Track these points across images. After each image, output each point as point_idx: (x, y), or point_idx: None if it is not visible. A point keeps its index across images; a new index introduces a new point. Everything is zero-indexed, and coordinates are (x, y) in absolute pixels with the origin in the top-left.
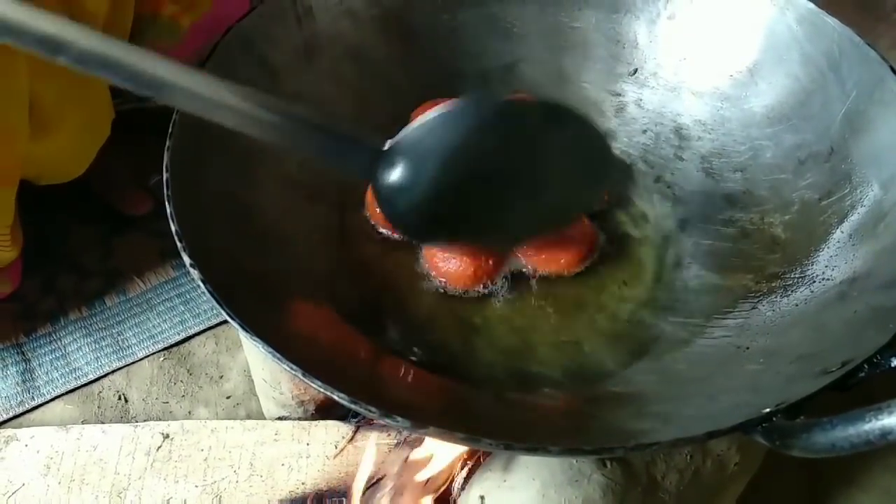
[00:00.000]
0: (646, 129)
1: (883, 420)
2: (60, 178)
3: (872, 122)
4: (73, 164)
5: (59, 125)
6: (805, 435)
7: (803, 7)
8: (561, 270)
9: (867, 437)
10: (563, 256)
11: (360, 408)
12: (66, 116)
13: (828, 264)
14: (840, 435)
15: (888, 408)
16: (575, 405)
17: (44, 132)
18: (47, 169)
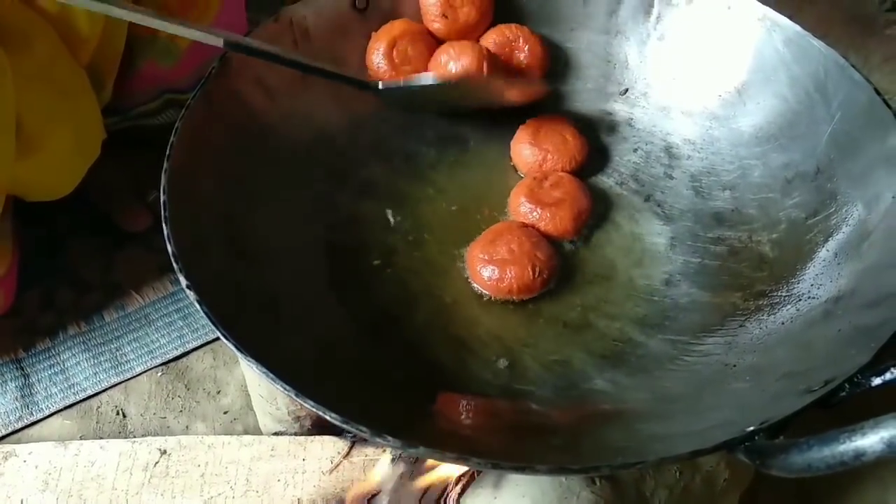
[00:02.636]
0: (636, 148)
1: (856, 442)
2: (48, 196)
3: (857, 142)
4: (60, 182)
5: (45, 144)
6: (783, 455)
7: (790, 29)
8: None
9: (841, 458)
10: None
11: (352, 427)
12: (52, 136)
13: (814, 283)
14: (816, 456)
15: (861, 430)
16: (565, 423)
17: (30, 151)
18: (35, 185)
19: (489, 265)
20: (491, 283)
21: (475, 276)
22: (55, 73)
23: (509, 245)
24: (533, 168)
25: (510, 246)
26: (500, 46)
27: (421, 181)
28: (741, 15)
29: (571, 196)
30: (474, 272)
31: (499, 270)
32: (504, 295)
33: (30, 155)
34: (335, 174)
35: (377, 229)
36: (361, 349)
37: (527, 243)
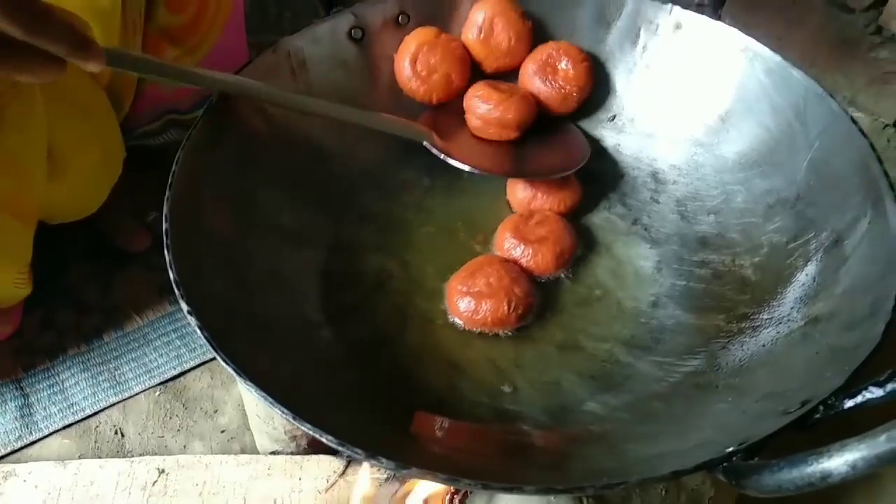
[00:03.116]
0: (624, 173)
1: (823, 463)
2: (75, 216)
3: (835, 169)
4: (87, 202)
5: (74, 166)
6: (756, 476)
7: (771, 60)
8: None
9: (809, 480)
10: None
11: (347, 449)
12: (80, 158)
13: (793, 306)
14: (785, 477)
15: (828, 452)
16: (553, 443)
17: (60, 173)
18: (63, 207)
19: (466, 297)
20: (466, 314)
21: (452, 308)
22: (80, 97)
23: (488, 278)
24: (523, 205)
25: (489, 279)
26: (543, 65)
27: (415, 207)
28: (724, 45)
29: (555, 235)
30: (451, 303)
31: (475, 303)
32: (479, 327)
33: (59, 177)
34: (331, 200)
35: (371, 254)
36: (355, 372)
37: (505, 278)
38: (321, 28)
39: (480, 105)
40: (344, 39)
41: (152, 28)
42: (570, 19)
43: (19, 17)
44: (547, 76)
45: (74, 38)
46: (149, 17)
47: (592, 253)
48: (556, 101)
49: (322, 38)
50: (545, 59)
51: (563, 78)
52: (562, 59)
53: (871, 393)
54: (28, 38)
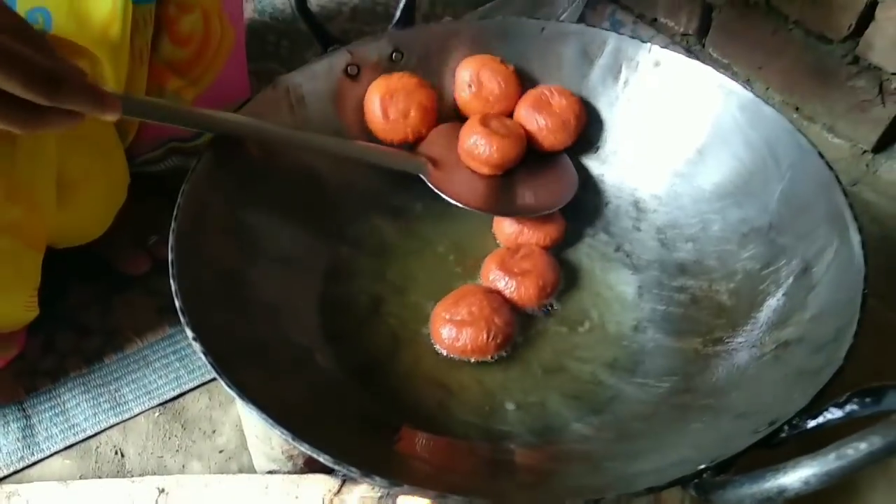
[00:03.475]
0: (607, 202)
1: (780, 479)
2: (81, 241)
3: (804, 200)
4: (93, 227)
5: (82, 194)
6: (721, 491)
7: (745, 96)
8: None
9: (767, 494)
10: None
11: (343, 468)
12: (88, 185)
13: (766, 330)
14: (746, 492)
15: (784, 469)
16: (539, 462)
17: (69, 201)
18: (70, 233)
19: (448, 325)
20: (447, 342)
21: (435, 334)
22: (88, 128)
23: (470, 307)
24: (510, 240)
25: (471, 308)
26: (537, 101)
27: (408, 234)
28: (701, 82)
29: (539, 269)
30: (435, 330)
31: (456, 331)
32: (459, 354)
33: (67, 205)
34: (328, 228)
35: (366, 279)
36: (351, 394)
37: (487, 308)
38: (318, 65)
39: (468, 141)
40: (340, 76)
41: (157, 60)
42: (556, 57)
43: (44, 87)
44: (542, 110)
45: (94, 95)
46: (154, 50)
47: (577, 278)
48: (555, 132)
49: (319, 74)
50: (538, 95)
51: (558, 107)
52: (553, 95)
53: (832, 414)
54: (52, 104)
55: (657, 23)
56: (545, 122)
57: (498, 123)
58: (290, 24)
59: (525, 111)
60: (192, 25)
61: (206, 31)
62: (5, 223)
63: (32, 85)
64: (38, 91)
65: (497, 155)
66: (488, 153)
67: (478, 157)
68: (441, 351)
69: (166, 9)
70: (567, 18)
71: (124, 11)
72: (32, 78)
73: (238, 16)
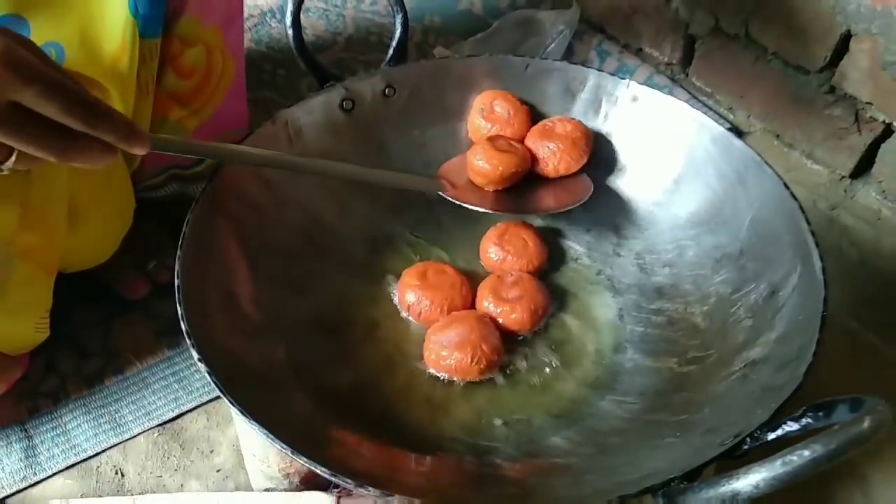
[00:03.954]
0: (589, 229)
1: (733, 484)
2: (89, 264)
3: (771, 228)
4: (101, 252)
5: (91, 220)
6: (682, 497)
7: (716, 130)
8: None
9: (723, 497)
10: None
11: (339, 479)
12: (97, 212)
13: (735, 350)
14: (705, 496)
15: (736, 475)
16: (523, 475)
17: (79, 226)
18: (79, 257)
19: (437, 346)
20: (434, 361)
21: (426, 356)
22: None
23: (460, 332)
24: (495, 266)
25: (461, 333)
26: (543, 132)
27: (401, 259)
28: (676, 116)
29: (529, 295)
30: (426, 350)
31: (445, 352)
32: (444, 373)
33: (77, 231)
34: (324, 254)
35: (361, 303)
36: (346, 411)
37: (475, 334)
38: (315, 100)
39: (473, 158)
40: (336, 110)
41: (162, 91)
42: (540, 92)
43: (82, 111)
44: (550, 138)
45: (125, 127)
46: (159, 81)
47: (561, 301)
48: (568, 151)
49: (316, 109)
50: (543, 126)
51: (564, 131)
52: (556, 123)
53: (790, 426)
54: (86, 129)
55: (642, 52)
56: (556, 146)
57: (503, 142)
58: (286, 54)
59: (533, 142)
60: (196, 59)
61: (209, 64)
62: (21, 249)
63: (72, 108)
64: (77, 115)
65: (500, 169)
66: (490, 168)
67: (480, 171)
68: (431, 371)
69: (171, 43)
70: (555, 48)
71: (132, 46)
72: (72, 102)
73: (239, 49)
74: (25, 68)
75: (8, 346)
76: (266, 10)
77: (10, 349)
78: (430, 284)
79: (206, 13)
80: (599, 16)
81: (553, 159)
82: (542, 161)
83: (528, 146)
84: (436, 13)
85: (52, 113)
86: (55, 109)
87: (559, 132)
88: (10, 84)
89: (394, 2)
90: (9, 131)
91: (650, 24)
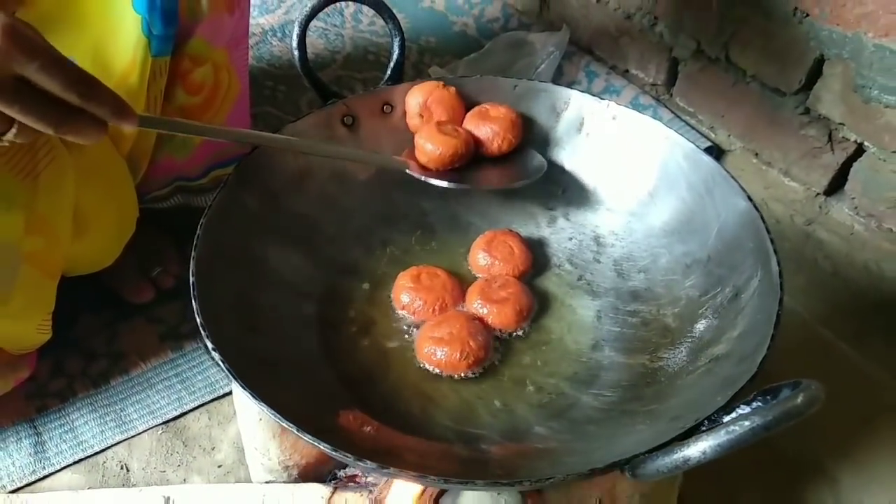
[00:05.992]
0: (571, 237)
1: (684, 451)
2: (92, 269)
3: (736, 236)
4: (104, 257)
5: (95, 226)
6: (643, 465)
7: (687, 147)
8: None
9: (675, 464)
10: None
11: (339, 454)
12: (101, 219)
13: (702, 348)
14: (660, 462)
15: (687, 444)
16: (507, 457)
17: (83, 232)
18: (83, 262)
19: (429, 341)
20: (426, 356)
21: (419, 351)
22: (103, 165)
23: (451, 329)
24: (484, 271)
25: (451, 330)
26: (479, 116)
27: (396, 263)
28: (651, 134)
29: (515, 297)
30: (419, 347)
31: (436, 348)
32: (435, 367)
33: (82, 236)
34: (324, 258)
35: (360, 303)
36: (345, 400)
37: (464, 331)
38: (319, 115)
39: (419, 141)
40: (338, 124)
41: (171, 105)
42: (528, 110)
43: (79, 86)
44: (486, 121)
45: (116, 103)
46: (168, 98)
47: (545, 303)
48: (504, 132)
49: (320, 123)
50: (478, 111)
51: (498, 114)
52: (489, 108)
53: (742, 410)
54: (81, 103)
55: (629, 73)
56: (496, 128)
57: (449, 127)
58: (286, 71)
59: (474, 125)
60: (204, 76)
61: (216, 81)
62: (26, 253)
63: (70, 84)
64: (75, 90)
65: (444, 151)
66: (436, 150)
67: (427, 153)
68: (424, 365)
69: (181, 62)
70: (546, 69)
71: (143, 62)
72: (71, 78)
73: (244, 68)
74: (30, 44)
75: (11, 346)
76: (267, 28)
77: (13, 349)
78: (423, 286)
79: (214, 35)
80: (588, 38)
81: (497, 139)
82: (487, 141)
83: (468, 129)
84: (431, 34)
85: (52, 87)
86: (56, 84)
87: (494, 115)
88: (16, 58)
89: (392, 26)
90: (12, 102)
91: (636, 47)
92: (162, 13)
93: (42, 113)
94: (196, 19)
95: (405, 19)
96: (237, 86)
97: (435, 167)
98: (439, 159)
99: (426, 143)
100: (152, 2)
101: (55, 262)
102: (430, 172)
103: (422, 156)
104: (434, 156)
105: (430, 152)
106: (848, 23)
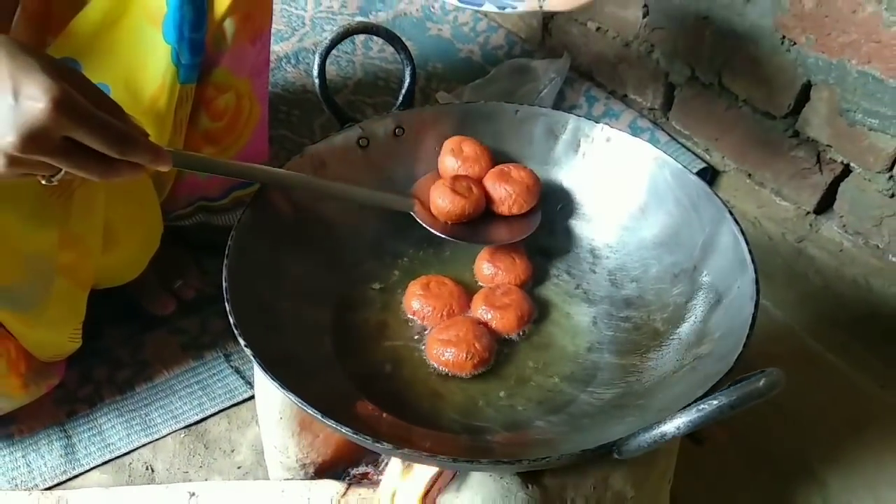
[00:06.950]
0: (569, 250)
1: (661, 428)
2: (119, 281)
3: (718, 248)
4: (131, 270)
5: (123, 241)
6: (626, 443)
7: (675, 166)
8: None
9: (654, 439)
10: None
11: (359, 437)
12: (129, 234)
13: (687, 349)
14: (641, 439)
15: (664, 421)
16: (509, 446)
17: (112, 247)
18: (111, 275)
19: (438, 343)
20: (434, 356)
21: (428, 351)
22: (132, 184)
23: (458, 332)
24: (488, 280)
25: (458, 333)
26: (500, 176)
27: (407, 273)
28: (642, 155)
29: (516, 303)
30: (429, 348)
31: (443, 348)
32: (442, 367)
33: (111, 251)
34: (341, 268)
35: (374, 309)
36: (361, 395)
37: (470, 333)
38: (337, 138)
39: (433, 195)
40: (354, 146)
41: (195, 130)
42: (528, 134)
43: (118, 145)
44: (505, 181)
45: (152, 151)
46: (192, 122)
47: (545, 310)
48: (522, 195)
49: (337, 145)
50: (500, 170)
51: (519, 177)
52: (512, 170)
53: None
54: (121, 157)
55: (627, 98)
56: (512, 190)
57: (463, 185)
58: (300, 96)
59: (490, 183)
60: (227, 103)
61: (238, 107)
62: (60, 266)
63: (110, 143)
64: (113, 148)
65: (454, 210)
66: (446, 207)
67: (438, 207)
68: (433, 365)
69: (206, 89)
70: (548, 94)
71: (171, 89)
72: (110, 137)
73: (264, 95)
74: (78, 113)
75: (44, 354)
76: (282, 55)
77: (46, 356)
78: (432, 294)
79: (237, 66)
80: (588, 64)
81: (508, 201)
82: (499, 201)
83: (485, 186)
84: (438, 60)
85: (97, 147)
86: (98, 144)
87: (514, 177)
88: (65, 126)
89: (404, 56)
90: (61, 159)
91: (634, 73)
92: (190, 43)
93: (87, 166)
94: (221, 50)
95: (413, 46)
96: (258, 112)
97: (443, 219)
98: (447, 215)
99: (438, 198)
100: (181, 33)
101: (87, 275)
102: (436, 222)
103: (433, 207)
104: (443, 211)
105: (440, 207)
106: (833, 51)
